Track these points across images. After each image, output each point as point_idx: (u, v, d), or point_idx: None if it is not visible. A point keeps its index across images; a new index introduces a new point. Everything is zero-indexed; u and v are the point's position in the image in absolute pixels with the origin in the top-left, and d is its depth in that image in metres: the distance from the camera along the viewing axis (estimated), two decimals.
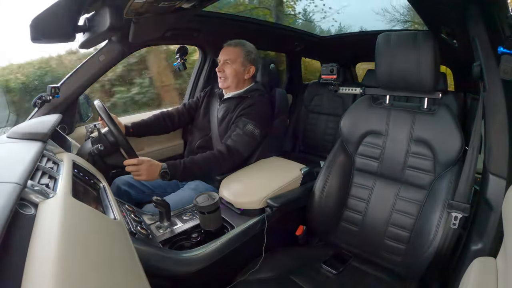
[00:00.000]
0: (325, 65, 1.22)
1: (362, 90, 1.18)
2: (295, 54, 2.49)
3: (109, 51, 1.38)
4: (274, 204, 1.01)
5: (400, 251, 0.97)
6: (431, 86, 0.94)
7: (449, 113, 0.94)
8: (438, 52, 0.92)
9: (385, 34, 1.00)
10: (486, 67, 0.78)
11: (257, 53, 1.38)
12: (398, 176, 1.01)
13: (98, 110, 1.03)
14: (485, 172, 0.81)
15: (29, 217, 0.43)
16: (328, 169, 1.11)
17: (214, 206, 0.91)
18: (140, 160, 1.03)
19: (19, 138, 0.73)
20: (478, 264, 0.65)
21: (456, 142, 0.89)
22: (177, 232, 0.98)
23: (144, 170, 1.03)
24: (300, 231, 1.15)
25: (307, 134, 2.32)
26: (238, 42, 1.35)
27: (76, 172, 0.70)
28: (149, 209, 1.11)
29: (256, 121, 1.25)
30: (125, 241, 0.54)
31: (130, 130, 1.36)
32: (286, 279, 0.93)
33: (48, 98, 1.21)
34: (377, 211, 1.03)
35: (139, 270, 0.49)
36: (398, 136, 1.01)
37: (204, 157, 1.16)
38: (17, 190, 0.42)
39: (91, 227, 0.48)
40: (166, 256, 0.83)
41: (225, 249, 0.91)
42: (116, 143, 1.00)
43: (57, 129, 1.04)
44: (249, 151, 1.27)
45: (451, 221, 0.83)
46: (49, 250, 0.36)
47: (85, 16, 0.82)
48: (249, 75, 1.34)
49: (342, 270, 1.00)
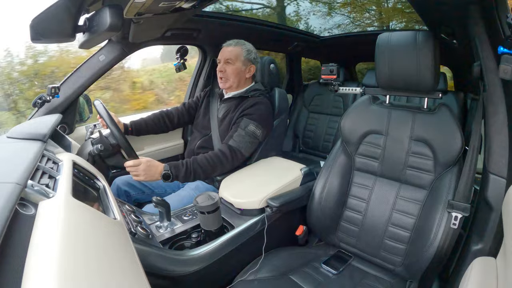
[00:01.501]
0: (325, 65, 1.21)
1: (362, 90, 1.18)
2: (295, 54, 2.49)
3: (109, 51, 1.38)
4: (274, 204, 1.01)
5: (400, 251, 0.97)
6: (431, 86, 0.93)
7: (449, 113, 0.94)
8: (438, 52, 0.92)
9: (385, 34, 1.00)
10: (486, 67, 0.78)
11: (257, 53, 1.38)
12: (398, 176, 1.01)
13: (98, 110, 1.03)
14: (485, 172, 0.81)
15: (29, 217, 0.42)
16: (328, 169, 1.11)
17: (214, 206, 0.91)
18: (138, 161, 1.02)
19: (19, 138, 0.73)
20: (478, 264, 0.65)
21: (456, 142, 0.89)
22: (177, 232, 0.98)
23: (142, 170, 1.03)
24: (300, 231, 1.15)
25: (307, 134, 2.33)
26: (237, 41, 1.34)
27: (76, 172, 0.69)
28: (149, 209, 1.11)
29: (257, 121, 1.25)
30: (125, 241, 0.54)
31: (129, 129, 1.36)
32: (286, 279, 0.93)
33: (48, 98, 1.21)
34: (377, 211, 1.03)
35: (139, 270, 0.49)
36: (398, 136, 1.01)
37: (207, 158, 1.16)
38: (17, 190, 0.42)
39: (91, 227, 0.48)
40: (166, 256, 0.83)
41: (225, 249, 0.91)
42: (117, 145, 1.00)
43: (57, 129, 1.04)
44: (251, 151, 1.27)
45: (451, 221, 0.83)
46: (49, 250, 0.36)
47: (85, 16, 0.82)
48: (249, 74, 1.35)
49: (342, 270, 1.00)
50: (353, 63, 2.82)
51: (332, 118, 2.23)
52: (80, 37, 0.84)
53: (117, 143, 1.00)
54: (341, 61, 1.85)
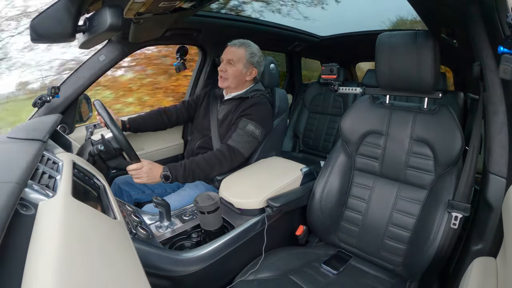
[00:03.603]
0: (325, 65, 1.21)
1: (362, 90, 1.18)
2: (295, 54, 2.49)
3: (109, 51, 1.38)
4: (274, 204, 1.01)
5: (400, 251, 0.97)
6: (431, 86, 0.93)
7: (449, 113, 0.94)
8: (438, 52, 0.92)
9: (385, 34, 1.00)
10: (486, 67, 0.77)
11: (262, 56, 1.35)
12: (399, 176, 1.01)
13: (98, 110, 1.03)
14: (485, 172, 0.81)
15: (29, 217, 0.42)
16: (328, 169, 1.11)
17: (214, 206, 0.91)
18: (140, 164, 1.03)
19: (19, 138, 0.73)
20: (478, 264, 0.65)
21: (457, 142, 0.89)
22: (177, 232, 0.98)
23: (144, 173, 1.04)
24: (300, 231, 1.15)
25: (307, 134, 2.33)
26: (242, 42, 1.33)
27: (76, 172, 0.69)
28: (149, 209, 1.11)
29: (256, 121, 1.24)
30: (125, 241, 0.54)
31: (126, 126, 1.36)
32: (286, 279, 0.93)
33: (48, 98, 1.21)
34: (378, 211, 1.03)
35: (139, 270, 0.49)
36: (398, 136, 1.01)
37: (205, 158, 1.16)
38: (17, 190, 0.42)
39: (91, 227, 0.48)
40: (166, 256, 0.83)
41: (225, 249, 0.91)
42: (120, 149, 1.00)
43: (57, 129, 1.05)
44: (250, 151, 1.27)
45: (451, 221, 0.83)
46: (49, 250, 0.36)
47: (85, 16, 0.82)
48: (250, 77, 1.33)
49: (342, 270, 1.00)
50: (353, 63, 2.82)
51: (332, 118, 2.23)
52: (80, 37, 0.84)
53: (120, 147, 1.00)
54: (341, 61, 1.85)
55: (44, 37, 0.74)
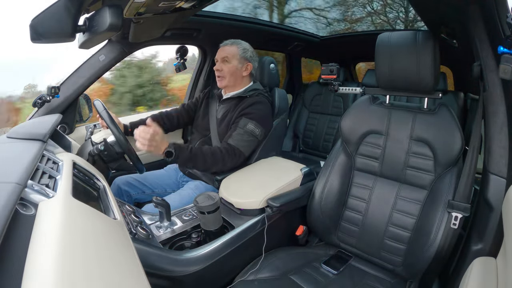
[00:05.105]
0: (325, 65, 1.21)
1: (362, 90, 1.18)
2: (295, 54, 2.49)
3: (109, 51, 1.38)
4: (274, 204, 1.01)
5: (400, 251, 0.97)
6: (431, 86, 0.93)
7: (449, 113, 0.94)
8: (438, 52, 0.92)
9: (385, 34, 1.00)
10: (486, 67, 0.77)
11: (254, 51, 1.38)
12: (399, 176, 1.01)
13: (98, 110, 1.03)
14: (485, 172, 0.81)
15: (29, 217, 0.42)
16: (328, 169, 1.11)
17: (214, 206, 0.91)
18: (154, 131, 1.04)
19: (19, 138, 0.73)
20: (478, 264, 0.65)
21: (456, 142, 0.89)
22: (177, 232, 0.98)
23: (153, 141, 1.04)
24: (300, 231, 1.15)
25: (307, 134, 2.32)
26: (233, 41, 1.36)
27: (76, 172, 0.69)
28: (149, 209, 1.11)
29: (256, 120, 1.25)
30: (125, 241, 0.54)
31: (128, 130, 1.36)
32: (286, 279, 0.93)
33: (48, 98, 1.21)
34: (378, 211, 1.03)
35: (139, 270, 0.49)
36: (398, 136, 1.01)
37: (211, 150, 1.17)
38: (17, 190, 0.42)
39: (91, 227, 0.48)
40: (166, 256, 0.83)
41: (225, 249, 0.90)
42: (122, 152, 1.01)
43: (57, 129, 1.04)
44: (250, 150, 1.27)
45: (451, 221, 0.83)
46: (49, 250, 0.36)
47: (85, 16, 0.81)
48: (247, 72, 1.35)
49: (342, 270, 1.00)
50: (353, 63, 2.82)
51: (332, 118, 2.23)
52: (80, 37, 0.84)
53: (122, 152, 1.01)
54: (341, 61, 1.85)
55: (44, 36, 0.74)
